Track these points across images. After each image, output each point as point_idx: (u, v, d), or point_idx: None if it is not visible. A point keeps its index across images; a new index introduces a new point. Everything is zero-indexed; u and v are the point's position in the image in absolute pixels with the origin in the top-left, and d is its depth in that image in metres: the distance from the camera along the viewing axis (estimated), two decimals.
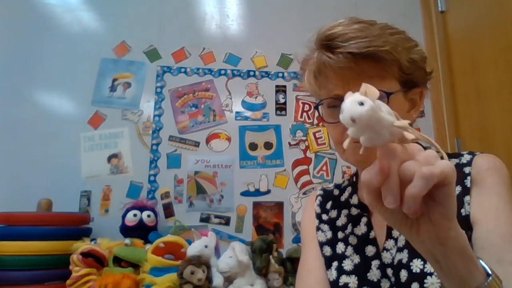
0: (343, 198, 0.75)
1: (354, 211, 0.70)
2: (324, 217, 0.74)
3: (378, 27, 0.58)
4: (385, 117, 0.31)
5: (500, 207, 0.52)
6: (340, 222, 0.71)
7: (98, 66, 1.66)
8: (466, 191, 0.56)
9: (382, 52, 0.55)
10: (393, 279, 0.58)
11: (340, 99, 0.57)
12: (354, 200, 0.71)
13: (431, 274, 0.52)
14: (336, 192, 0.78)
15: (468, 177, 0.57)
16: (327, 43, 0.57)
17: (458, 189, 0.57)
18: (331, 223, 0.72)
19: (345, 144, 0.34)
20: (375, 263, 0.61)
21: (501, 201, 0.53)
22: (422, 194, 0.30)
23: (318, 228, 0.73)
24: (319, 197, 0.79)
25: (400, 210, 0.32)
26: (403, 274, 0.56)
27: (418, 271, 0.54)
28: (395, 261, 0.58)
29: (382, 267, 0.60)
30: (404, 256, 0.57)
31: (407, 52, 0.59)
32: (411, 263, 0.55)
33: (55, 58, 1.64)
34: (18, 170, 1.50)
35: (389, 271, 0.59)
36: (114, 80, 1.66)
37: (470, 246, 0.35)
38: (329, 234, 0.71)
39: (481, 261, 0.37)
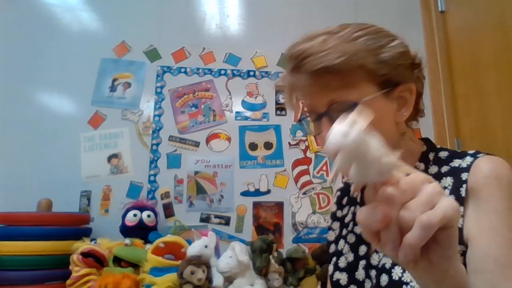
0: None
1: (358, 209, 0.70)
2: (339, 213, 0.76)
3: (337, 36, 0.55)
4: (372, 153, 0.29)
5: (496, 225, 0.49)
6: (347, 219, 0.72)
7: (98, 66, 1.66)
8: (460, 201, 0.52)
9: (336, 65, 0.52)
10: (374, 281, 0.58)
11: (309, 115, 0.60)
12: (359, 197, 0.72)
13: (407, 283, 0.52)
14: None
15: (464, 185, 0.53)
16: (291, 63, 0.58)
17: (451, 197, 0.54)
18: (342, 220, 0.74)
19: (330, 177, 0.33)
20: (362, 263, 0.62)
21: (497, 218, 0.49)
22: (421, 244, 0.28)
23: (329, 228, 0.76)
24: (338, 192, 0.80)
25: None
26: (384, 279, 0.56)
27: (397, 278, 0.54)
28: (380, 264, 0.58)
29: (368, 267, 0.61)
30: (388, 261, 0.57)
31: (374, 54, 0.55)
32: (392, 270, 0.55)
33: (55, 58, 1.64)
34: (18, 170, 1.50)
35: (373, 273, 0.59)
36: (114, 80, 1.66)
37: (467, 282, 0.34)
38: (338, 232, 0.73)
39: None
